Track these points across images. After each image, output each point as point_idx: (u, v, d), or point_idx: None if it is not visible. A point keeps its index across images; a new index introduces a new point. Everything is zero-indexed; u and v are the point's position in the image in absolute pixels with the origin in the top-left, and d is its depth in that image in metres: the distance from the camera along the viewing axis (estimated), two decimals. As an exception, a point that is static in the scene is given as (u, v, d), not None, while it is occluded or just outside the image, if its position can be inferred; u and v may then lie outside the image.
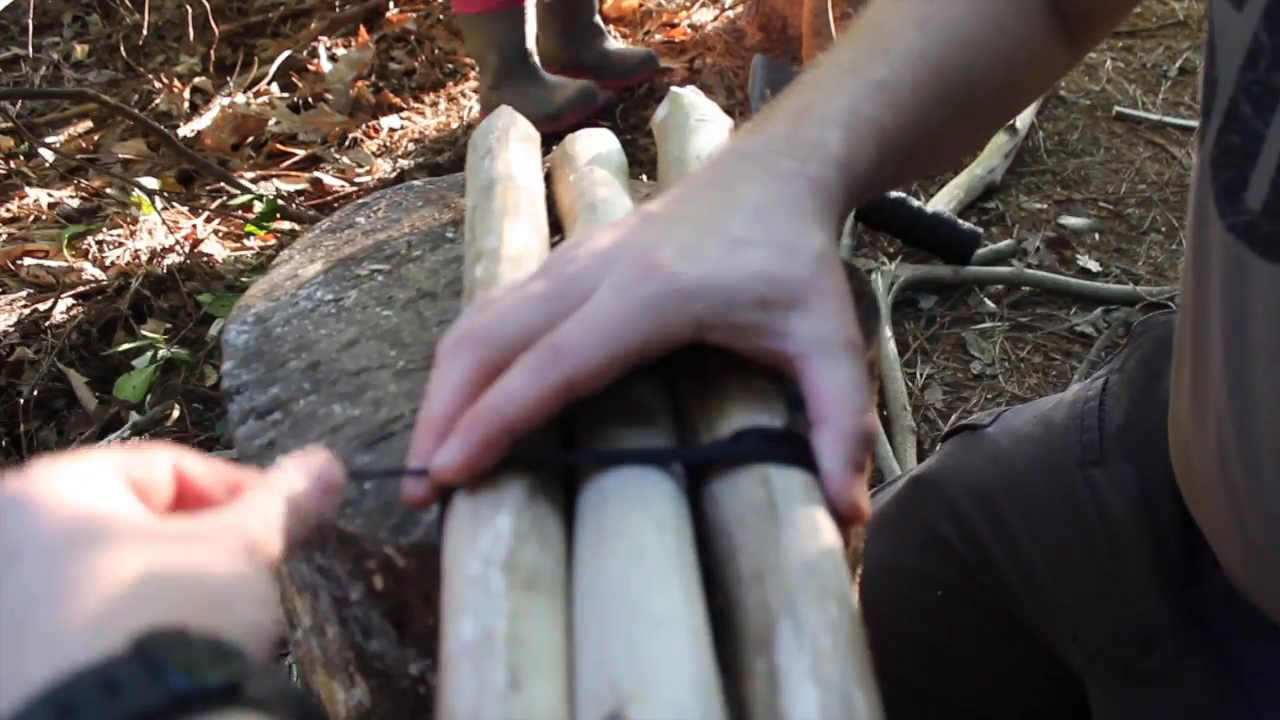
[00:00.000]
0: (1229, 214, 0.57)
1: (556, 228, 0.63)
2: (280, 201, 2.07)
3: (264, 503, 0.37)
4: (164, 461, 0.37)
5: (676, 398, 0.47)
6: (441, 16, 2.93)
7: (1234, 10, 0.55)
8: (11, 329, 1.95)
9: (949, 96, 0.57)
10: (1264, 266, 0.55)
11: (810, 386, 0.44)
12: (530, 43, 2.39)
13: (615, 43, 2.69)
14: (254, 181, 2.31)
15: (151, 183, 2.19)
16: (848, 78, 0.54)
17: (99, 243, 2.15)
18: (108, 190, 2.32)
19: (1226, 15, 0.56)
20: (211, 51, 2.74)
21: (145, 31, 2.80)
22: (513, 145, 0.66)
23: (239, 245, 2.18)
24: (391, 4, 2.96)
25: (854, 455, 0.42)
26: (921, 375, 1.91)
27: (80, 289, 2.03)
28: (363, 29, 2.85)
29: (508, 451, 0.40)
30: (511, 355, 0.42)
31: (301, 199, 2.31)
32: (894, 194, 2.27)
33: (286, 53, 2.73)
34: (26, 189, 2.33)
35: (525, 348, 0.42)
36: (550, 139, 0.72)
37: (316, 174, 2.38)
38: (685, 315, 0.42)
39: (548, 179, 0.68)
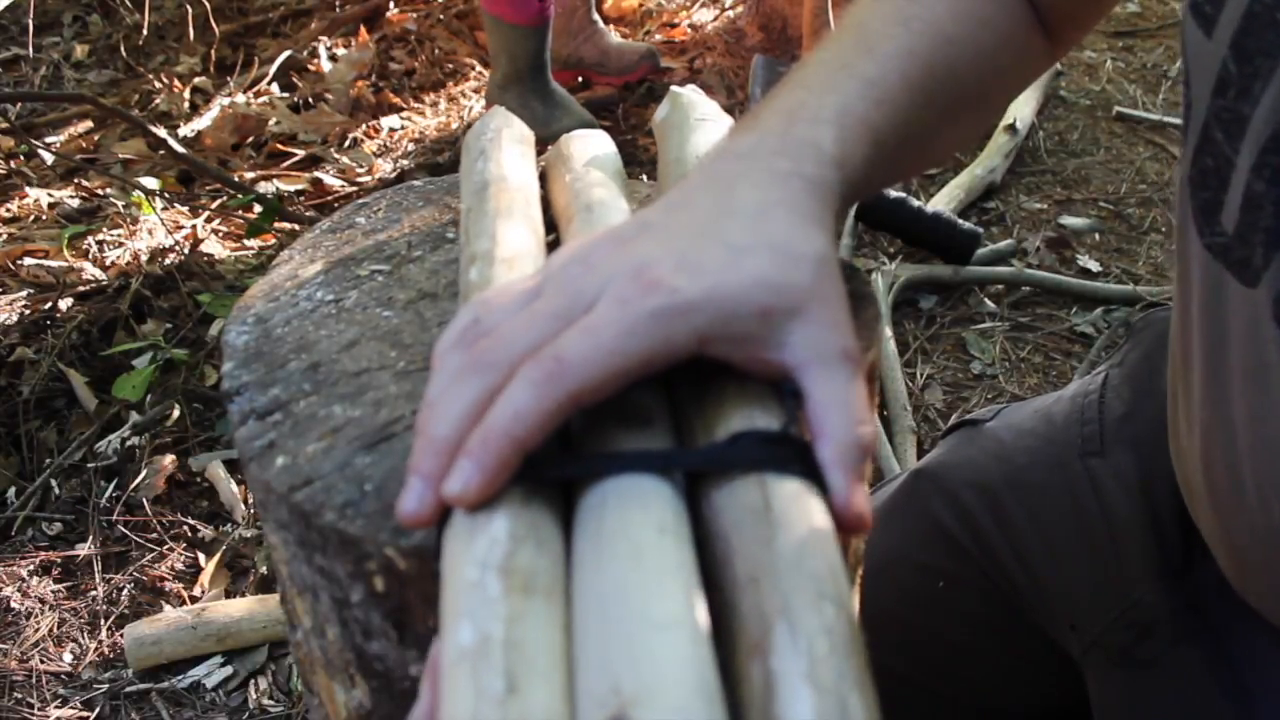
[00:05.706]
0: (1206, 234, 0.57)
1: (551, 228, 0.63)
2: (280, 200, 2.07)
3: None
4: None
5: (674, 399, 0.47)
6: (441, 17, 2.93)
7: (1204, 38, 0.55)
8: (12, 329, 1.95)
9: (935, 95, 0.57)
10: (1238, 289, 0.55)
11: (808, 398, 0.43)
12: (545, 57, 2.38)
13: (616, 39, 2.68)
14: (254, 182, 2.31)
15: (151, 183, 2.19)
16: (837, 75, 0.54)
17: (99, 243, 2.15)
18: (108, 190, 2.32)
19: (1198, 42, 0.56)
20: (211, 51, 2.74)
21: (145, 31, 2.80)
22: (506, 147, 0.66)
23: (239, 245, 2.18)
24: (391, 4, 2.95)
25: (855, 466, 0.42)
26: (921, 375, 1.91)
27: (80, 289, 2.03)
28: (363, 29, 2.85)
29: (519, 467, 0.40)
30: None
31: (301, 199, 2.31)
32: (894, 194, 2.26)
33: (286, 53, 2.73)
34: (26, 189, 2.33)
35: None
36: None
37: (316, 174, 2.38)
38: (688, 329, 0.42)
39: (543, 179, 0.67)
